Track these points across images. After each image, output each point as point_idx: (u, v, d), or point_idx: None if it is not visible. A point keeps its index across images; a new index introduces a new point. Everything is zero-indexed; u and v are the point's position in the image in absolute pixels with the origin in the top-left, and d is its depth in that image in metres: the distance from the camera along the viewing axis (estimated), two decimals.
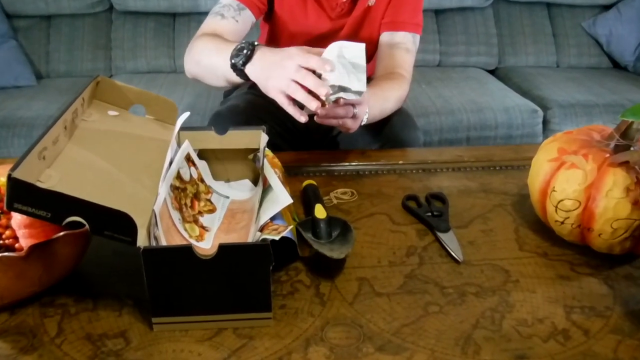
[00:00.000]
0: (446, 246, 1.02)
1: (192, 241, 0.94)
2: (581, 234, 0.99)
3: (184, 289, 0.78)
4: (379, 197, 1.19)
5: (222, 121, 1.48)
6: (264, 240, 0.79)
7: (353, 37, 1.61)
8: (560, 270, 0.98)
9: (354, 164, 1.32)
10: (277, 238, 0.79)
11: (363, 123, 1.25)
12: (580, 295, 0.92)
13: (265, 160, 1.02)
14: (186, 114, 0.98)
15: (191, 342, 0.80)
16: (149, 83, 2.73)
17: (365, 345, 0.80)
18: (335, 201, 1.17)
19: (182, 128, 1.09)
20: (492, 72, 3.20)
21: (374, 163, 1.33)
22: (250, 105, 1.50)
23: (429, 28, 3.15)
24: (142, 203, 0.84)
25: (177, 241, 0.89)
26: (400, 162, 1.34)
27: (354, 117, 1.19)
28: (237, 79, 1.25)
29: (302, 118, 1.11)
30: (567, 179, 0.97)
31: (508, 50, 3.23)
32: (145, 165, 0.91)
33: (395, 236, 1.06)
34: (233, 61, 1.22)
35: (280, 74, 1.11)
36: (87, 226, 0.74)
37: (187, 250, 0.74)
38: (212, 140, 1.09)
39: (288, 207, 1.01)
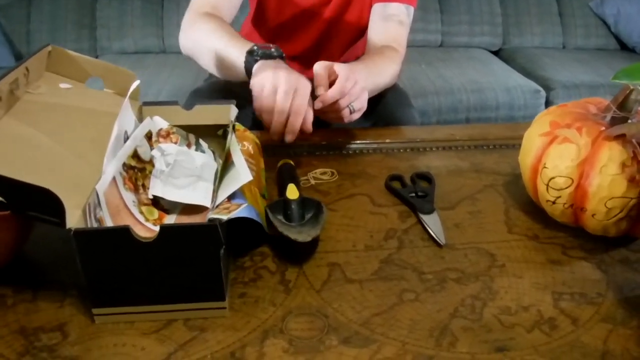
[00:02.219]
0: (428, 228, 0.94)
1: (149, 225, 0.86)
2: (574, 215, 0.90)
3: (126, 276, 0.70)
4: (361, 178, 1.11)
5: (201, 98, 1.41)
6: (212, 220, 0.71)
7: (343, 9, 1.54)
8: (551, 254, 0.90)
9: (337, 143, 1.24)
10: (225, 218, 0.71)
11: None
12: (571, 281, 0.84)
13: (233, 135, 0.94)
14: (137, 82, 0.90)
15: (136, 335, 0.72)
16: (135, 64, 2.65)
17: (328, 337, 0.72)
18: (313, 182, 1.09)
19: (147, 103, 1.02)
20: (496, 53, 3.12)
21: (358, 142, 1.25)
22: (231, 82, 1.42)
23: (431, 7, 3.07)
24: (85, 182, 0.76)
25: (128, 225, 0.81)
26: (388, 140, 1.25)
27: (354, 112, 1.14)
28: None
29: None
30: (559, 154, 0.89)
31: (513, 30, 3.15)
32: (94, 141, 0.83)
33: (374, 218, 0.98)
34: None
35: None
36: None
37: (124, 233, 0.66)
38: (179, 116, 1.01)
39: (258, 184, 0.93)
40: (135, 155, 0.90)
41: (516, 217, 0.99)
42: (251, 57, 1.14)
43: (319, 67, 1.12)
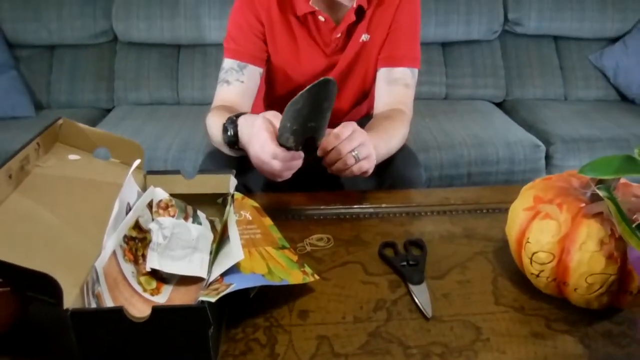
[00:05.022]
0: (417, 300, 0.97)
1: (146, 295, 0.89)
2: (558, 288, 0.93)
3: (119, 354, 0.74)
4: (355, 244, 1.14)
5: (215, 161, 1.46)
6: (201, 302, 0.75)
7: (347, 73, 1.59)
8: (535, 326, 0.93)
9: (333, 207, 1.28)
10: (213, 300, 0.75)
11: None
12: (553, 356, 0.86)
13: (231, 208, 0.98)
14: (137, 161, 0.95)
15: None
16: (150, 115, 2.75)
17: None
18: (309, 248, 1.13)
19: (150, 172, 1.06)
20: (499, 104, 3.15)
21: (356, 206, 1.28)
22: None
23: (436, 60, 3.12)
24: (82, 257, 0.80)
25: (125, 296, 0.85)
26: (384, 205, 1.29)
27: (360, 160, 1.18)
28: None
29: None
30: (541, 229, 0.92)
31: (515, 82, 3.19)
32: (94, 214, 0.87)
33: (365, 288, 1.01)
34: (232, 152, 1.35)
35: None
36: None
37: (117, 313, 0.70)
38: (180, 184, 1.05)
39: (270, 241, 0.98)
40: (136, 225, 0.93)
41: (504, 286, 1.02)
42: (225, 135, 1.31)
43: None
